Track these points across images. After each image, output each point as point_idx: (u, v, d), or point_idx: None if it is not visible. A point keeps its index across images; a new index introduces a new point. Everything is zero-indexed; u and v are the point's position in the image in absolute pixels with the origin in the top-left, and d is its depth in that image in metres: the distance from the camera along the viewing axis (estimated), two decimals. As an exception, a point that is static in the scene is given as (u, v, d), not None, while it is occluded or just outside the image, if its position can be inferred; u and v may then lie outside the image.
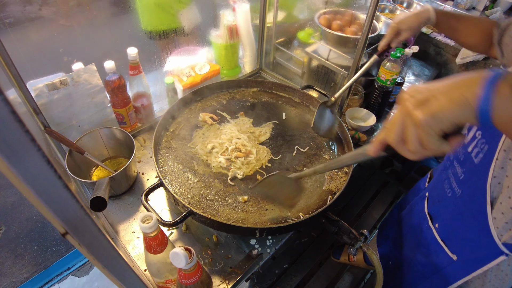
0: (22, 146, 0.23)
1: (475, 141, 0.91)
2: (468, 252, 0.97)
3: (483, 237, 0.89)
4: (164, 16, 1.45)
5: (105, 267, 0.40)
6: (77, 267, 2.13)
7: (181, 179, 1.11)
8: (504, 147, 0.78)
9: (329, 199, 1.09)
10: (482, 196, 0.86)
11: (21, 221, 2.31)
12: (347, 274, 2.08)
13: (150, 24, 1.41)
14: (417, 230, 1.19)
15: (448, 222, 1.04)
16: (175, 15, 1.47)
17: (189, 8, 1.50)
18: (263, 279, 1.94)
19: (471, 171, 0.92)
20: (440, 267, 1.07)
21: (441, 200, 1.09)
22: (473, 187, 0.90)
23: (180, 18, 1.46)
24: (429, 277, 1.11)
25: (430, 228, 1.11)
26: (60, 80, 1.09)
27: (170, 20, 1.46)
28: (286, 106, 1.47)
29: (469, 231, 0.95)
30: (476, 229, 0.91)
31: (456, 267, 1.01)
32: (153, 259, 0.81)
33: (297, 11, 1.79)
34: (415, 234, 1.20)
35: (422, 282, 1.16)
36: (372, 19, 1.16)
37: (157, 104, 1.55)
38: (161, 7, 1.42)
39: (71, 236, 0.32)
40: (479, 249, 0.93)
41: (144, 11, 1.37)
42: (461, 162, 0.97)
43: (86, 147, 1.15)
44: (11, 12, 1.01)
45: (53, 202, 0.28)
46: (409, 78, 2.13)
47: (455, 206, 1.00)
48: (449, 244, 1.03)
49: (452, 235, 1.03)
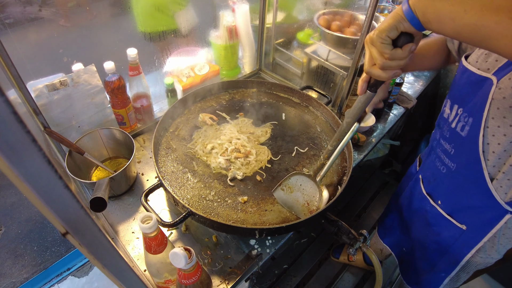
0: (23, 147, 0.24)
1: (457, 117, 0.97)
2: (476, 219, 1.03)
3: (486, 201, 0.95)
4: (161, 18, 1.45)
5: (105, 266, 0.40)
6: (76, 268, 2.13)
7: (180, 180, 1.11)
8: (492, 115, 0.85)
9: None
10: (477, 165, 0.92)
11: (21, 221, 2.31)
12: (346, 274, 2.08)
13: (147, 26, 1.41)
14: (421, 211, 1.24)
15: (449, 197, 1.10)
16: (172, 16, 1.47)
17: (185, 10, 1.50)
18: (262, 279, 1.94)
19: (460, 145, 0.98)
20: (453, 239, 1.13)
21: (436, 178, 1.15)
22: (466, 158, 0.97)
23: (178, 19, 1.46)
24: (446, 251, 1.17)
25: (433, 206, 1.16)
26: (60, 80, 1.09)
27: (167, 22, 1.46)
28: (286, 107, 1.47)
29: (472, 199, 1.00)
30: (479, 196, 0.97)
31: (468, 235, 1.08)
32: (152, 259, 0.81)
33: (296, 11, 1.79)
34: (421, 215, 1.25)
35: (441, 258, 1.21)
36: (372, 20, 1.16)
37: (157, 105, 1.55)
38: (158, 9, 1.42)
39: (71, 236, 0.33)
40: (486, 214, 0.99)
41: (141, 13, 1.37)
42: (448, 138, 1.03)
43: (86, 147, 1.15)
44: (11, 13, 1.02)
45: (54, 202, 0.29)
46: (408, 78, 2.14)
47: (452, 180, 1.05)
48: (456, 216, 1.09)
49: (456, 207, 1.09)
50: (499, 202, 0.93)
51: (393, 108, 1.82)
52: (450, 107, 1.02)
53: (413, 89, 2.04)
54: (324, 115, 1.42)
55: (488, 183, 0.92)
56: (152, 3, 1.41)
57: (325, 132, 1.35)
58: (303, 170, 1.18)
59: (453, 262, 1.17)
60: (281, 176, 1.16)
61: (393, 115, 1.78)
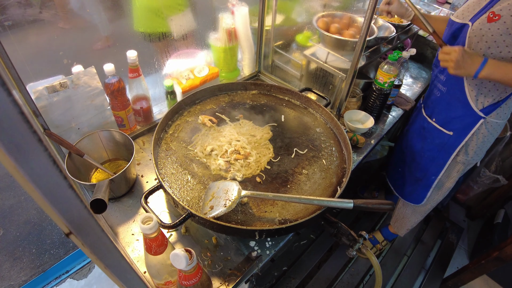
0: (29, 146, 0.24)
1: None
2: (459, 126, 1.46)
3: (466, 111, 1.39)
4: (159, 21, 1.45)
5: (107, 267, 0.40)
6: (75, 270, 2.12)
7: (180, 182, 1.11)
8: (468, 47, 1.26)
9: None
10: (460, 84, 1.36)
11: (19, 224, 2.30)
12: (346, 276, 2.08)
13: (148, 27, 1.40)
14: (420, 130, 1.67)
15: (441, 113, 1.52)
16: (168, 19, 1.47)
17: (185, 12, 1.50)
18: (262, 281, 1.94)
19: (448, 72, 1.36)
20: (442, 144, 1.55)
21: (433, 101, 1.57)
22: (453, 81, 1.39)
23: (175, 22, 1.47)
24: (437, 156, 1.60)
25: (430, 123, 1.59)
26: (60, 82, 1.09)
27: (164, 25, 1.46)
28: (285, 109, 1.47)
29: (456, 111, 1.43)
30: (461, 107, 1.41)
31: (454, 139, 1.50)
32: (153, 260, 0.81)
33: (295, 14, 1.80)
34: (419, 133, 1.67)
35: (432, 162, 1.63)
36: (370, 22, 1.17)
37: (157, 107, 1.56)
38: (155, 12, 1.42)
39: (74, 236, 0.33)
40: (466, 120, 1.42)
41: (139, 15, 1.37)
42: (442, 71, 1.46)
43: (86, 149, 1.15)
44: (11, 15, 1.02)
45: (58, 202, 0.29)
46: (407, 80, 2.15)
47: (444, 100, 1.48)
48: (446, 127, 1.52)
49: (446, 120, 1.50)
50: (475, 110, 1.36)
51: (391, 110, 1.83)
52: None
53: (412, 91, 2.06)
54: (323, 116, 1.43)
55: (467, 96, 1.35)
56: (150, 6, 1.41)
57: (324, 133, 1.36)
58: (302, 171, 1.19)
59: (441, 163, 1.59)
60: (280, 177, 1.16)
61: (391, 117, 1.79)
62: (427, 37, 2.25)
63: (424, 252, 2.36)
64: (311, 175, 1.18)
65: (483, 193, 2.52)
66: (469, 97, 1.35)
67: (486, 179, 2.32)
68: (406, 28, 1.96)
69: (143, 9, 1.39)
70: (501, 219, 2.37)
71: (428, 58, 2.34)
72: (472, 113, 1.37)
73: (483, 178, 2.34)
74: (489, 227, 2.49)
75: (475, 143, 1.46)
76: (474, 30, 1.22)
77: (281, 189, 1.12)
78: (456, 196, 2.71)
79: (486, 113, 1.35)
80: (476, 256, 2.37)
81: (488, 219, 2.61)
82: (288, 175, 1.17)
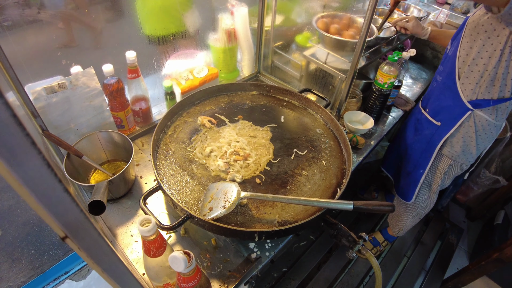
0: (22, 150, 0.23)
1: (449, 46, 1.45)
2: (447, 116, 1.48)
3: (455, 101, 1.40)
4: (169, 20, 1.44)
5: (105, 271, 0.39)
6: (74, 271, 2.11)
7: (179, 183, 1.10)
8: (464, 35, 1.31)
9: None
10: (453, 74, 1.38)
11: (18, 225, 2.29)
12: (345, 277, 2.08)
13: (154, 29, 1.39)
14: (414, 122, 1.69)
15: (434, 103, 1.54)
16: (180, 18, 1.46)
17: (191, 11, 1.50)
18: (261, 282, 1.93)
19: (447, 61, 1.44)
20: (431, 135, 1.56)
21: (429, 92, 1.62)
22: (448, 71, 1.42)
23: (184, 20, 1.46)
24: (425, 147, 1.61)
25: (423, 114, 1.61)
26: (58, 83, 1.09)
27: (174, 24, 1.46)
28: (285, 109, 1.47)
29: (447, 100, 1.45)
30: (451, 98, 1.42)
31: (441, 129, 1.51)
32: (151, 262, 0.80)
33: (295, 15, 1.79)
34: (413, 126, 1.70)
35: (421, 155, 1.64)
36: (370, 22, 1.17)
37: (156, 108, 1.55)
38: (166, 11, 1.41)
39: (70, 240, 0.32)
40: (454, 111, 1.43)
41: (147, 16, 1.36)
42: (442, 62, 1.50)
43: (84, 150, 1.15)
44: (9, 15, 1.01)
45: (53, 205, 0.28)
46: (407, 81, 2.14)
47: (438, 89, 1.51)
48: (436, 117, 1.53)
49: (437, 110, 1.52)
50: (463, 101, 1.37)
51: (391, 110, 1.83)
52: (450, 44, 1.46)
53: (412, 91, 2.05)
54: (323, 117, 1.43)
55: (457, 85, 1.37)
56: (160, 5, 1.40)
57: (324, 134, 1.35)
58: (302, 172, 1.18)
59: (428, 156, 1.60)
60: (280, 178, 1.16)
61: (391, 117, 1.78)
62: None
63: (424, 253, 2.36)
64: (310, 176, 1.17)
65: (483, 194, 2.52)
66: (458, 84, 1.37)
67: (486, 180, 2.32)
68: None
69: (156, 10, 1.37)
70: (501, 220, 2.36)
71: (428, 59, 2.33)
72: (460, 104, 1.39)
73: (483, 179, 2.33)
74: (489, 228, 2.48)
75: (461, 135, 1.46)
76: (470, 20, 1.34)
77: (281, 191, 1.12)
78: (456, 197, 2.71)
79: (475, 105, 1.36)
80: (476, 257, 2.37)
81: (488, 220, 2.61)
82: (287, 176, 1.17)
